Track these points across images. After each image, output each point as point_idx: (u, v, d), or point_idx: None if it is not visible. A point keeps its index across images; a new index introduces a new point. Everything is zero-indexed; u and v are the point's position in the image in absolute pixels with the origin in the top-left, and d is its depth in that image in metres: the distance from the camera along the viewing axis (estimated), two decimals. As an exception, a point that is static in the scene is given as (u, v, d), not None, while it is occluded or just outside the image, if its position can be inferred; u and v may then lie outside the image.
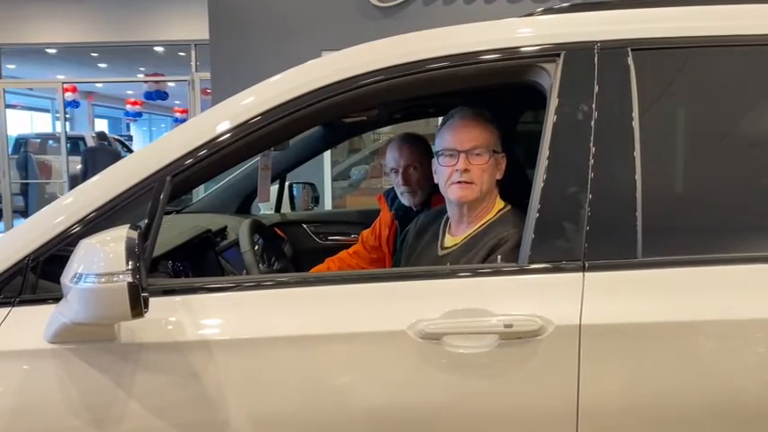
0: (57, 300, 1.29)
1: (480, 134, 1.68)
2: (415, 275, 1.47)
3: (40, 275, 1.37)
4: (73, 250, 1.24)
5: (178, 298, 1.36)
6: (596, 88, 1.39)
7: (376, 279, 1.45)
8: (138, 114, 18.36)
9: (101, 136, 10.44)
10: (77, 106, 13.99)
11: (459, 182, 1.66)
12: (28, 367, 1.33)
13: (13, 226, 8.64)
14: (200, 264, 2.08)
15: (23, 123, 17.91)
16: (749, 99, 1.46)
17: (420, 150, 2.41)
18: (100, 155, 9.85)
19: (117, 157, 10.06)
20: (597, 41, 1.42)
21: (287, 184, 3.16)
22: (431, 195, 2.37)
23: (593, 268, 1.33)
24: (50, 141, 12.76)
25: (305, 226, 2.98)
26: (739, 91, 1.46)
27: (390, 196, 2.61)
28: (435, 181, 1.77)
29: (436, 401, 1.32)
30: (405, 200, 2.47)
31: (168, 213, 2.47)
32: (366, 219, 2.94)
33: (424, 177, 2.35)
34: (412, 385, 1.31)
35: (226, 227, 2.49)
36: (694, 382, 1.29)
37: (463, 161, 1.65)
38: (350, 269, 2.50)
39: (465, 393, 1.31)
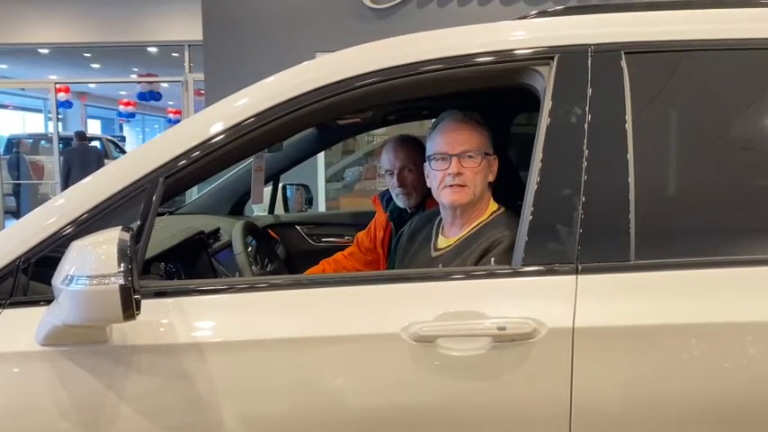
0: (48, 302, 1.28)
1: (471, 137, 1.68)
2: (409, 278, 1.46)
3: (31, 277, 1.36)
4: (65, 252, 1.24)
5: (170, 300, 1.36)
6: (590, 91, 1.40)
7: (369, 281, 1.44)
8: (132, 115, 18.28)
9: (80, 136, 10.18)
10: (70, 107, 13.90)
11: (451, 185, 1.66)
12: (19, 370, 1.32)
13: (4, 227, 8.59)
14: (192, 265, 2.07)
15: (15, 123, 17.81)
16: (742, 102, 1.47)
17: (415, 152, 2.41)
18: (82, 155, 9.61)
19: (99, 156, 9.97)
20: (591, 44, 1.42)
21: (280, 185, 3.16)
22: (426, 197, 2.37)
23: (586, 271, 1.33)
24: (43, 142, 12.70)
25: (298, 227, 2.98)
26: (732, 94, 1.47)
27: (385, 198, 2.61)
28: (428, 185, 1.77)
29: (430, 404, 1.32)
30: (400, 202, 2.47)
31: (161, 215, 2.46)
32: (359, 221, 2.94)
33: (418, 179, 2.35)
34: (405, 388, 1.31)
35: (219, 228, 2.49)
36: (687, 384, 1.29)
37: (455, 164, 1.65)
38: (345, 271, 2.50)
39: (458, 396, 1.31)
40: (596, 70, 1.40)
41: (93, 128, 19.57)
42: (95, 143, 12.34)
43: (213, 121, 1.43)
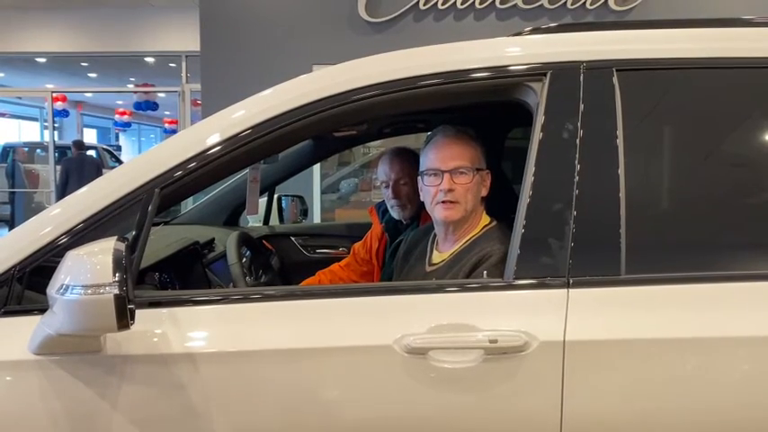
0: (42, 311, 1.28)
1: (463, 152, 1.69)
2: (402, 290, 1.47)
3: (26, 286, 1.36)
4: (60, 261, 1.24)
5: (164, 310, 1.36)
6: (582, 107, 1.41)
7: (362, 293, 1.45)
8: (128, 124, 18.28)
9: (78, 145, 10.02)
10: (66, 115, 13.91)
11: (444, 201, 1.67)
12: (12, 378, 1.32)
13: (-2, 235, 8.53)
14: (187, 276, 2.07)
15: (11, 132, 17.79)
16: (731, 119, 1.49)
17: (411, 165, 2.42)
18: (79, 165, 9.42)
19: (97, 166, 9.90)
20: (583, 61, 1.44)
21: (276, 196, 3.16)
22: (421, 209, 2.38)
23: (577, 285, 1.34)
24: (38, 150, 12.68)
25: (293, 239, 2.98)
26: (721, 111, 1.49)
27: (381, 209, 2.62)
28: (421, 199, 1.78)
29: (421, 416, 1.32)
30: (395, 213, 2.48)
31: (156, 225, 2.46)
32: (354, 232, 2.94)
33: (414, 191, 2.36)
34: (397, 399, 1.32)
35: (213, 239, 2.49)
36: (677, 399, 1.30)
37: (447, 181, 1.66)
38: (341, 282, 2.51)
39: (450, 408, 1.31)
40: (588, 87, 1.42)
41: (90, 137, 19.55)
42: (91, 152, 12.32)
43: (210, 133, 1.44)
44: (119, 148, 18.31)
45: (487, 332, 1.30)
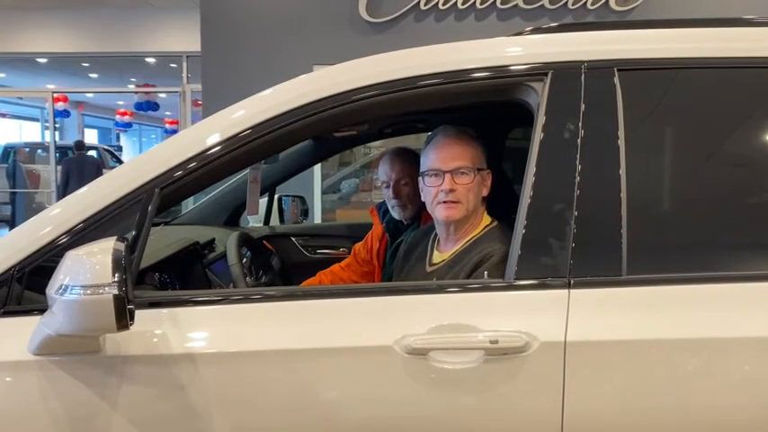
0: (42, 311, 1.28)
1: (464, 153, 1.69)
2: (403, 290, 1.47)
3: (25, 286, 1.36)
4: (59, 261, 1.24)
5: (164, 310, 1.36)
6: (583, 107, 1.41)
7: (363, 293, 1.45)
8: (129, 125, 18.29)
9: (78, 146, 9.87)
10: (68, 116, 13.91)
11: (445, 201, 1.67)
12: (11, 379, 1.32)
13: (-2, 235, 8.52)
14: (187, 276, 2.07)
15: (12, 132, 17.81)
16: (733, 118, 1.49)
17: (411, 165, 2.42)
18: (80, 165, 9.40)
19: (98, 166, 9.89)
20: (584, 61, 1.44)
21: (276, 196, 3.16)
22: (421, 209, 2.38)
23: (578, 285, 1.34)
24: (39, 150, 12.69)
25: (293, 239, 2.98)
26: (723, 111, 1.48)
27: (382, 209, 2.62)
28: (422, 199, 1.78)
29: (422, 416, 1.32)
30: (395, 213, 2.48)
31: (156, 225, 2.46)
32: (354, 232, 2.94)
33: (414, 192, 2.36)
34: (398, 400, 1.31)
35: (214, 239, 2.49)
36: (679, 399, 1.30)
37: (448, 181, 1.66)
38: (342, 282, 2.51)
39: (451, 409, 1.31)
40: (589, 86, 1.42)
41: (91, 137, 19.58)
42: (92, 152, 12.33)
43: (210, 133, 1.44)
44: (120, 148, 18.34)
45: (488, 333, 1.30)
